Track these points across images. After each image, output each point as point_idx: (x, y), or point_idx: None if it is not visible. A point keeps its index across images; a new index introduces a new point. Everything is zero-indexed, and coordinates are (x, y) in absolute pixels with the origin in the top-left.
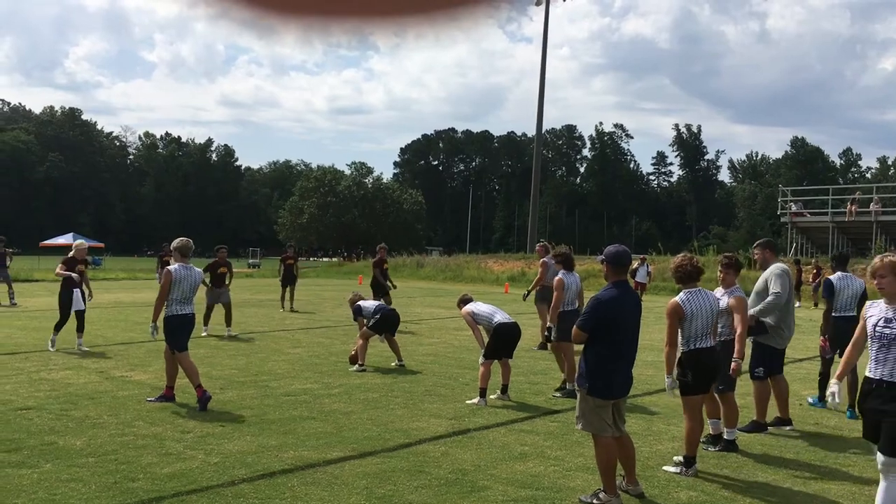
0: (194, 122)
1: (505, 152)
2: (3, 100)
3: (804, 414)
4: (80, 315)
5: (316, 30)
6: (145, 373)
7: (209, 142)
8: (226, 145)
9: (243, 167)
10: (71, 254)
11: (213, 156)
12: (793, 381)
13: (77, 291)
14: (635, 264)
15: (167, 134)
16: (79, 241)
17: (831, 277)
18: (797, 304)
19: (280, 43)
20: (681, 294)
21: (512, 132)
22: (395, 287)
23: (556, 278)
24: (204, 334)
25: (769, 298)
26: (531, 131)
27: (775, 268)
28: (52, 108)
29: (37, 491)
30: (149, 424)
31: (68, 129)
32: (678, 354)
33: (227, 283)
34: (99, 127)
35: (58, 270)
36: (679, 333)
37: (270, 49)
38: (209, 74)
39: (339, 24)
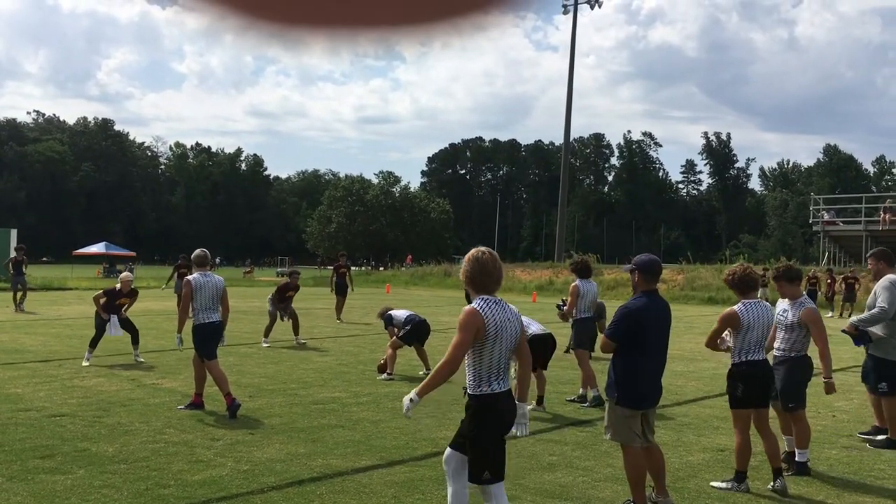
0: (223, 133)
1: (532, 161)
2: (37, 111)
3: (838, 426)
4: (131, 329)
5: (343, 40)
6: (175, 380)
7: (238, 151)
8: (255, 155)
9: (272, 176)
10: (117, 287)
11: (243, 165)
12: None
13: (114, 318)
14: None
15: (197, 144)
16: (125, 274)
17: None
18: (829, 314)
19: (308, 54)
20: (739, 304)
21: (539, 141)
22: None
23: (573, 285)
24: (266, 346)
25: (874, 311)
26: (559, 140)
27: (885, 280)
28: (85, 118)
29: (70, 497)
30: (179, 432)
31: (101, 139)
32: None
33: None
34: (131, 137)
35: (98, 302)
36: (732, 344)
37: (298, 60)
38: (238, 85)
39: (366, 34)
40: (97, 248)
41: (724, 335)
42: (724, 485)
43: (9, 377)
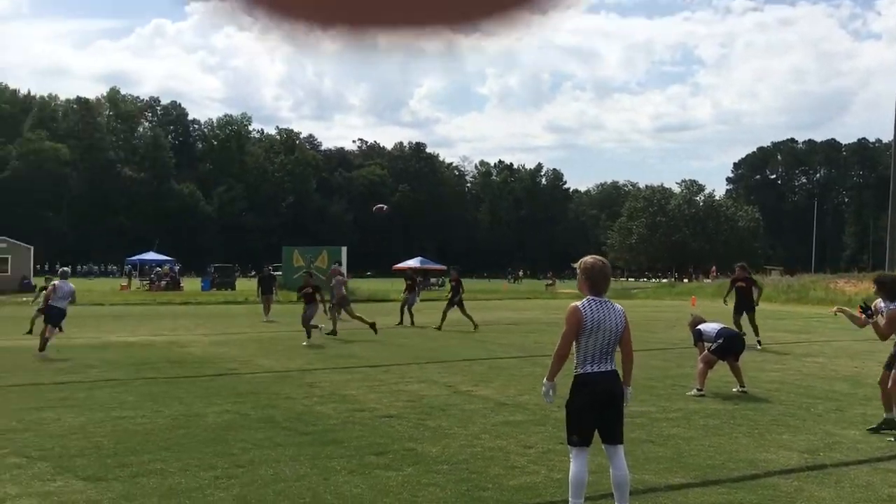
0: (523, 149)
1: (855, 161)
2: (361, 139)
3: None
4: None
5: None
6: (488, 388)
7: (539, 167)
8: (554, 169)
9: (571, 190)
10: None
11: (543, 180)
12: None
13: None
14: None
15: (500, 161)
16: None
17: None
18: None
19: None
20: None
21: (863, 139)
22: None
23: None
24: None
25: None
26: (886, 137)
27: None
28: (401, 143)
29: (402, 492)
30: (494, 438)
31: (415, 162)
32: None
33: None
34: (440, 158)
35: None
36: None
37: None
38: (536, 102)
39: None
40: (413, 263)
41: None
42: None
43: (345, 380)
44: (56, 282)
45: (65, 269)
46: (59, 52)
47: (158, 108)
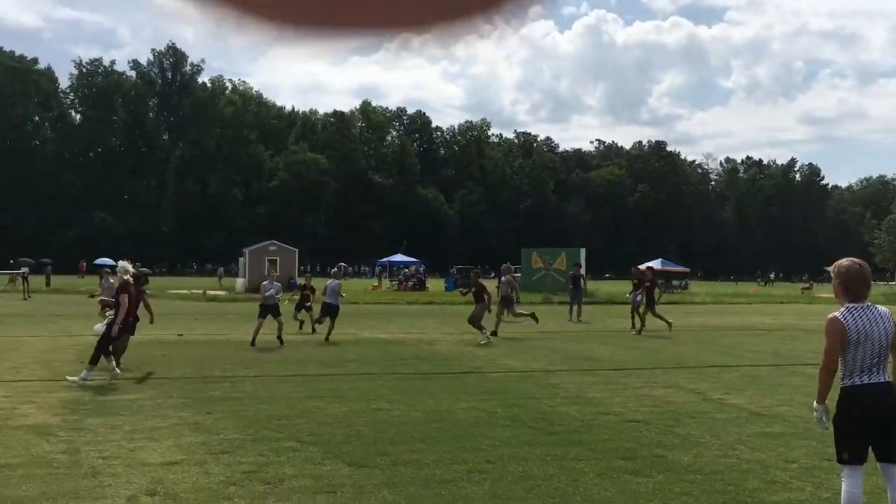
0: (773, 143)
1: None
2: (599, 140)
3: None
4: None
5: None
6: (740, 397)
7: (792, 162)
8: (810, 164)
9: (830, 185)
10: None
11: (797, 176)
12: None
13: None
14: None
15: (748, 158)
16: None
17: None
18: None
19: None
20: None
21: None
22: None
23: None
24: None
25: None
26: None
27: None
28: (639, 142)
29: (652, 500)
30: (751, 450)
31: (654, 161)
32: None
33: None
34: (682, 157)
35: None
36: None
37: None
38: (787, 93)
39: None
40: (654, 264)
41: None
42: None
43: (588, 382)
44: (329, 282)
45: (337, 268)
46: (317, 71)
47: (405, 117)
